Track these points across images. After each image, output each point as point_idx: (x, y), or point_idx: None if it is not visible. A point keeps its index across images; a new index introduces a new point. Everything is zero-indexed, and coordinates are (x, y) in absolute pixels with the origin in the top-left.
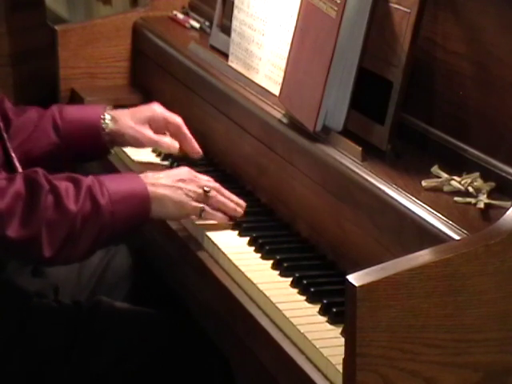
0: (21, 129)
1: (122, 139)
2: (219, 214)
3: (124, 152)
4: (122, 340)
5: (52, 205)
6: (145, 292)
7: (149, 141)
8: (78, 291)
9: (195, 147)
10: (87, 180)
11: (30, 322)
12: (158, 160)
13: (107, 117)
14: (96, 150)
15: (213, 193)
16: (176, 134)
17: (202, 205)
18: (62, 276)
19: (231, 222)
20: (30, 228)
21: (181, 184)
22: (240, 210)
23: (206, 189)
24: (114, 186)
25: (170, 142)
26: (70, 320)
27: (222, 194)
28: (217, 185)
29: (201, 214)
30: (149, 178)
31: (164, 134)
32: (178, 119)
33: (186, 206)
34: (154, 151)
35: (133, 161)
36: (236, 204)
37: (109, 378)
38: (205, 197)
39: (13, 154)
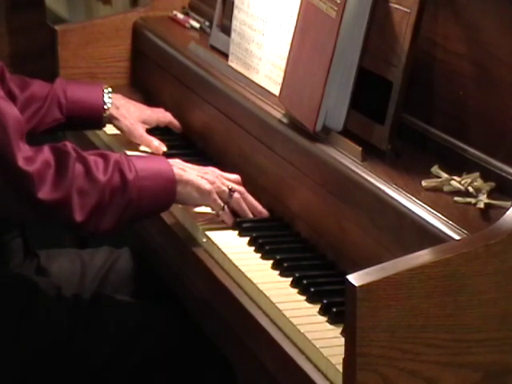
0: (26, 105)
1: (117, 123)
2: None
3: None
4: (122, 340)
5: (82, 173)
6: (147, 295)
7: (140, 137)
8: (80, 293)
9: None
10: (115, 155)
11: (30, 317)
12: None
13: (108, 100)
14: (93, 126)
15: (237, 195)
16: None
17: (223, 204)
18: (64, 276)
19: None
20: (60, 191)
21: (207, 176)
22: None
23: (231, 188)
24: (140, 163)
25: (158, 145)
26: (69, 313)
27: (245, 199)
28: (242, 188)
29: (219, 211)
30: (176, 162)
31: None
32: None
33: (209, 196)
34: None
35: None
36: (259, 212)
37: (107, 375)
38: (228, 196)
39: None
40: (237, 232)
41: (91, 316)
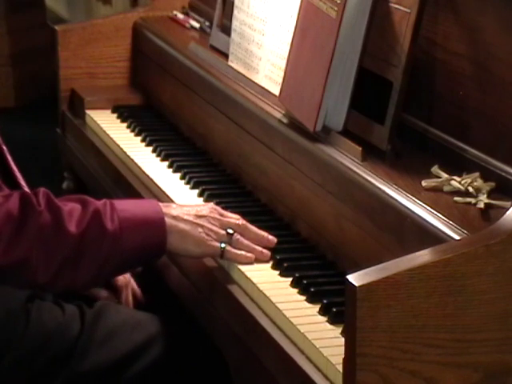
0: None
1: None
2: (243, 255)
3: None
4: (123, 345)
5: (48, 226)
6: (149, 300)
7: None
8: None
9: None
10: (98, 203)
11: (30, 323)
12: (155, 159)
13: None
14: None
15: (236, 236)
16: None
17: (223, 245)
18: None
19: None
20: (18, 251)
21: (203, 221)
22: (267, 253)
23: (229, 231)
24: (126, 212)
25: None
26: (72, 323)
27: (249, 233)
28: (242, 223)
29: (222, 254)
30: (171, 209)
31: None
32: None
33: (205, 244)
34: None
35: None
36: (266, 240)
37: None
38: (228, 237)
39: (14, 168)
40: None
41: (95, 325)
